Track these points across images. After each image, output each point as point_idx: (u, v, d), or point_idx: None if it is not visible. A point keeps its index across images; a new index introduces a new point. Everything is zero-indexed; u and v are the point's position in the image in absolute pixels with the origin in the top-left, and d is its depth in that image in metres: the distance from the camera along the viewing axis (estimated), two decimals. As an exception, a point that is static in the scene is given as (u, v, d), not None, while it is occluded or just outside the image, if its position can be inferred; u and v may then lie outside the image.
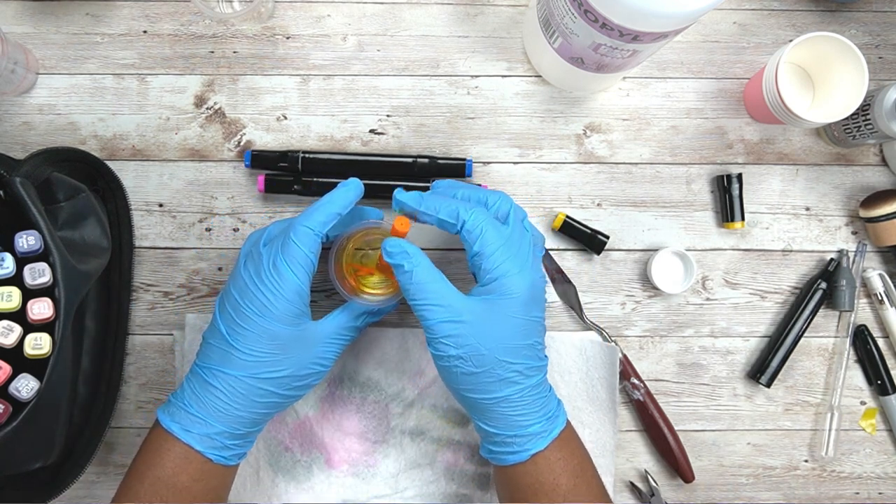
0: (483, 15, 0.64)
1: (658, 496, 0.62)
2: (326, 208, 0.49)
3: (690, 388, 0.64)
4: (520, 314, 0.47)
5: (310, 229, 0.48)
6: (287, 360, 0.48)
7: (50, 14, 0.62)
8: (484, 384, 0.48)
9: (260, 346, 0.48)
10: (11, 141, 0.61)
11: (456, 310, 0.47)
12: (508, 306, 0.47)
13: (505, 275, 0.47)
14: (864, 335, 0.64)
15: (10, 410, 0.48)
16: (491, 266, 0.47)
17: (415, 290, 0.47)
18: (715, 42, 0.65)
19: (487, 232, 0.47)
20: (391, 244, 0.48)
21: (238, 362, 0.48)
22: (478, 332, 0.47)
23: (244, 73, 0.63)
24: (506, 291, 0.47)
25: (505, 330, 0.47)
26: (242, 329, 0.48)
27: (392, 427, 0.61)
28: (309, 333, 0.49)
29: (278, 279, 0.47)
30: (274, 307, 0.47)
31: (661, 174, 0.64)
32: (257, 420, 0.50)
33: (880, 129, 0.57)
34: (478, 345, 0.47)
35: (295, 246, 0.47)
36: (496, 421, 0.49)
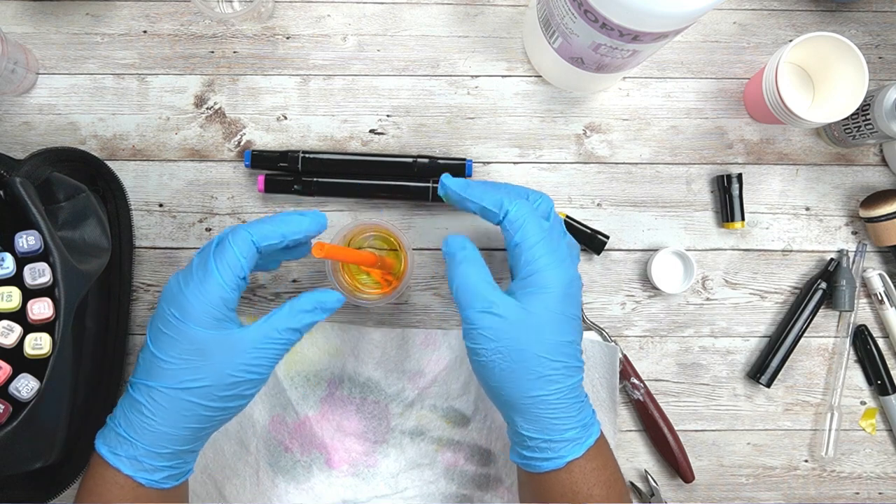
0: (483, 15, 0.64)
1: (658, 496, 0.62)
2: (277, 225, 0.47)
3: (690, 388, 0.64)
4: (557, 309, 0.47)
5: (249, 234, 0.46)
6: (208, 367, 0.45)
7: (50, 14, 0.62)
8: (522, 381, 0.46)
9: (178, 353, 0.45)
10: (11, 141, 0.61)
11: (496, 303, 0.46)
12: (546, 300, 0.46)
13: (544, 268, 0.47)
14: (864, 335, 0.64)
15: (10, 410, 0.48)
16: (530, 258, 0.47)
17: (459, 280, 0.48)
18: (715, 42, 0.65)
19: (529, 224, 0.47)
20: (452, 237, 0.50)
21: (158, 371, 0.45)
22: (516, 327, 0.46)
23: (244, 73, 0.63)
24: (544, 284, 0.47)
25: (543, 325, 0.46)
26: (163, 335, 0.45)
27: (392, 427, 0.61)
28: (234, 339, 0.45)
29: (203, 277, 0.45)
30: (193, 308, 0.45)
31: (661, 174, 0.64)
32: (187, 438, 0.46)
33: (880, 129, 0.57)
34: (517, 338, 0.46)
35: (229, 246, 0.46)
36: (532, 423, 0.47)
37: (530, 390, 0.46)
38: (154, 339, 0.46)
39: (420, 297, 0.63)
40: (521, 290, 0.47)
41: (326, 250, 0.46)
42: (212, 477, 0.60)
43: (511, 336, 0.46)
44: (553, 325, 0.47)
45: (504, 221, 0.48)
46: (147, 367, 0.46)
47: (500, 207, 0.48)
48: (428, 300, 0.63)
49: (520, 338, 0.46)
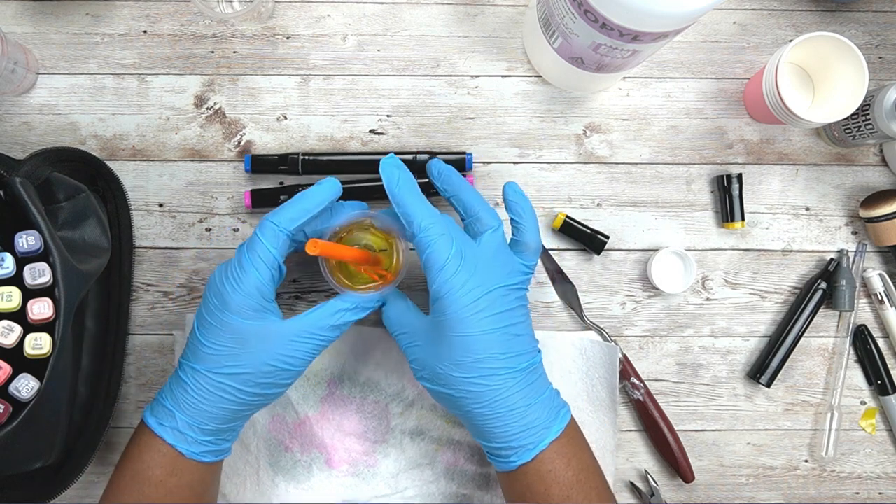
0: (483, 15, 0.64)
1: (658, 496, 0.62)
2: (297, 205, 0.49)
3: (690, 388, 0.64)
4: (462, 331, 0.46)
5: (275, 225, 0.48)
6: (247, 355, 0.48)
7: (50, 14, 0.62)
8: (453, 401, 0.48)
9: (220, 340, 0.48)
10: (11, 141, 0.61)
11: (414, 334, 0.49)
12: (452, 324, 0.47)
13: (447, 293, 0.47)
14: (864, 335, 0.64)
15: (10, 410, 0.48)
16: (433, 282, 0.47)
17: (389, 323, 0.51)
18: (715, 42, 0.65)
19: (436, 247, 0.47)
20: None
21: (202, 355, 0.48)
22: (431, 352, 0.48)
23: (244, 73, 0.63)
24: (446, 309, 0.47)
25: (454, 348, 0.47)
26: (207, 323, 0.48)
27: (392, 427, 0.61)
28: (272, 330, 0.48)
29: (239, 273, 0.47)
30: (232, 300, 0.47)
31: (661, 174, 0.64)
32: (226, 417, 0.49)
33: (880, 129, 0.57)
34: (435, 364, 0.48)
35: (258, 241, 0.48)
36: (479, 433, 0.49)
37: (462, 406, 0.48)
38: (200, 325, 0.49)
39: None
40: (433, 313, 0.48)
41: (321, 247, 0.46)
42: (212, 477, 0.60)
43: (429, 362, 0.48)
44: (464, 346, 0.47)
45: (414, 241, 0.49)
46: (193, 350, 0.49)
47: (411, 225, 0.48)
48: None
49: (436, 362, 0.48)
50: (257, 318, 0.48)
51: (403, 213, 0.48)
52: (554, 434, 0.48)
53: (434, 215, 0.48)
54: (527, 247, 0.51)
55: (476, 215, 0.50)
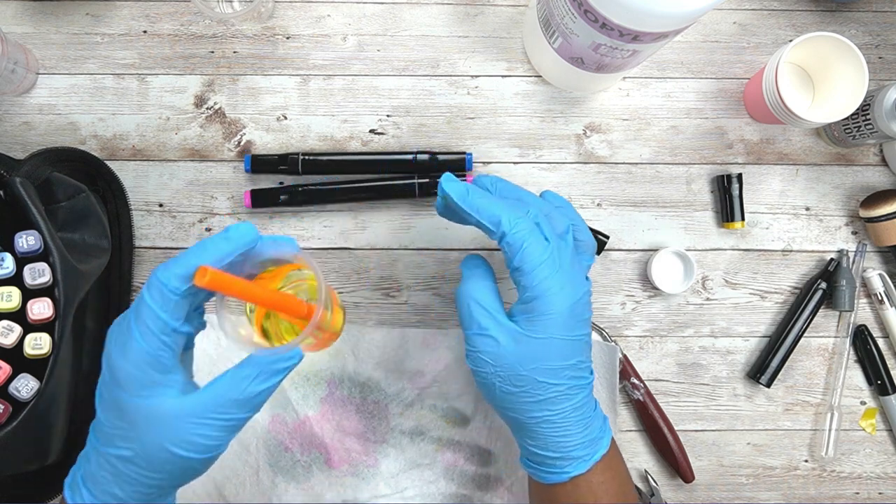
0: (483, 15, 0.64)
1: (658, 496, 0.62)
2: (193, 257, 0.38)
3: (690, 388, 0.64)
4: (560, 333, 0.44)
5: (163, 284, 0.38)
6: (138, 439, 0.38)
7: (50, 14, 0.62)
8: (523, 403, 0.45)
9: (110, 416, 0.39)
10: (11, 141, 0.61)
11: (493, 328, 0.44)
12: (548, 325, 0.44)
13: (544, 293, 0.43)
14: (864, 335, 0.64)
15: (10, 410, 0.48)
16: (530, 283, 0.44)
17: (461, 298, 0.46)
18: (715, 42, 0.65)
19: (529, 247, 0.44)
20: (470, 256, 0.47)
21: (98, 429, 0.40)
22: (515, 353, 0.44)
23: (244, 73, 0.63)
24: (545, 310, 0.44)
25: (545, 351, 0.44)
26: (99, 393, 0.40)
27: (392, 427, 0.61)
28: (165, 411, 0.38)
29: (127, 339, 0.38)
30: (118, 371, 0.38)
31: (661, 174, 0.64)
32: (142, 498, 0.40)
33: (880, 129, 0.57)
34: (515, 363, 0.44)
35: (144, 305, 0.38)
36: (536, 440, 0.46)
37: (532, 412, 0.45)
38: (97, 392, 0.41)
39: (420, 297, 0.63)
40: (522, 314, 0.45)
41: (210, 278, 0.36)
42: (211, 477, 0.60)
43: (509, 361, 0.44)
44: (555, 350, 0.44)
45: (502, 243, 0.44)
46: (94, 421, 0.41)
47: (498, 226, 0.44)
48: (428, 300, 0.63)
49: (519, 363, 0.44)
50: (147, 394, 0.38)
51: (486, 217, 0.45)
52: (605, 447, 0.47)
53: (519, 212, 0.45)
54: (587, 246, 0.49)
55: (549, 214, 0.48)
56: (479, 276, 0.46)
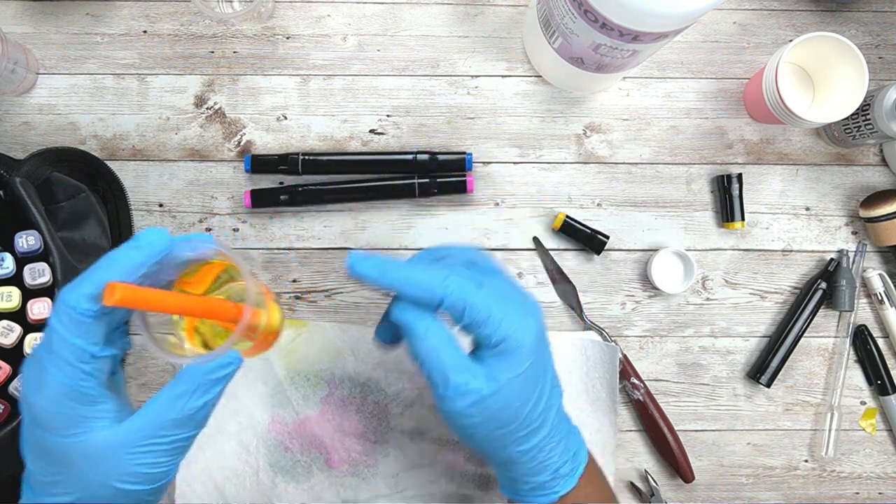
0: (483, 15, 0.64)
1: (658, 496, 0.62)
2: (97, 275, 0.34)
3: (690, 388, 0.64)
4: (534, 358, 0.42)
5: (71, 308, 0.33)
6: (76, 481, 0.35)
7: (50, 14, 0.62)
8: (513, 441, 0.42)
9: (40, 463, 0.36)
10: (11, 141, 0.61)
11: (469, 382, 0.40)
12: (522, 359, 0.41)
13: (510, 333, 0.40)
14: (864, 335, 0.64)
15: (10, 410, 0.48)
16: (492, 331, 0.40)
17: (425, 358, 0.40)
18: (715, 42, 0.65)
19: (473, 299, 0.40)
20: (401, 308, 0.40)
21: (30, 479, 0.37)
22: (500, 396, 0.40)
23: (244, 73, 0.63)
24: (516, 346, 0.41)
25: (525, 382, 0.42)
26: (24, 438, 0.36)
27: (392, 427, 0.61)
28: (98, 445, 0.34)
29: (39, 374, 0.34)
30: (37, 412, 0.34)
31: (661, 174, 0.64)
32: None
33: (880, 129, 0.57)
34: (503, 407, 0.41)
35: (55, 333, 0.34)
36: (526, 469, 0.44)
37: (521, 445, 0.43)
38: (22, 438, 0.36)
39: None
40: (492, 357, 0.41)
41: (120, 295, 0.32)
42: (212, 477, 0.60)
43: (496, 406, 0.41)
44: (533, 378, 0.42)
45: (443, 308, 0.40)
46: (25, 473, 0.37)
47: (432, 294, 0.40)
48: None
49: (505, 405, 0.41)
50: (76, 431, 0.34)
51: (413, 288, 0.40)
52: (586, 457, 0.46)
53: (443, 270, 0.41)
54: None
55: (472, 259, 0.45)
56: (436, 330, 0.41)
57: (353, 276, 0.40)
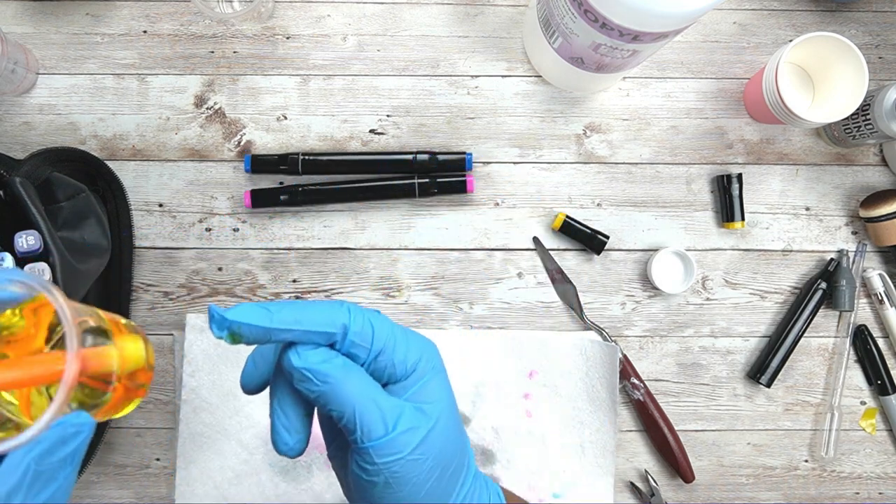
0: (483, 15, 0.64)
1: (658, 496, 0.62)
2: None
3: (690, 388, 0.64)
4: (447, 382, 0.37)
5: None
6: None
7: (50, 14, 0.62)
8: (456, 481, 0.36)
9: None
10: (11, 141, 0.61)
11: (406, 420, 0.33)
12: (441, 381, 0.36)
13: (422, 355, 0.35)
14: (864, 335, 0.64)
15: None
16: (404, 354, 0.34)
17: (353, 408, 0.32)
18: (715, 42, 0.65)
19: (379, 325, 0.34)
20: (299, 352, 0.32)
21: None
22: (437, 427, 0.34)
23: (244, 73, 0.63)
24: (431, 367, 0.36)
25: (450, 405, 0.36)
26: None
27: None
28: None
29: None
30: None
31: (661, 174, 0.64)
32: None
33: (880, 129, 0.57)
34: (443, 440, 0.35)
35: None
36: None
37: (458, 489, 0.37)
38: None
39: (420, 297, 0.63)
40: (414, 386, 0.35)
41: None
42: (212, 477, 0.60)
43: (438, 440, 0.34)
44: (454, 405, 0.37)
45: (351, 337, 0.33)
46: None
47: (335, 323, 0.32)
48: (428, 300, 0.63)
49: (443, 443, 0.35)
50: None
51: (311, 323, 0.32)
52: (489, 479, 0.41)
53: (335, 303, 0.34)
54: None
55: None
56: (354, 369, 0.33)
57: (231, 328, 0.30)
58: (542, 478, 0.61)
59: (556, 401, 0.62)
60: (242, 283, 0.62)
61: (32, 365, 0.28)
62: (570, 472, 0.61)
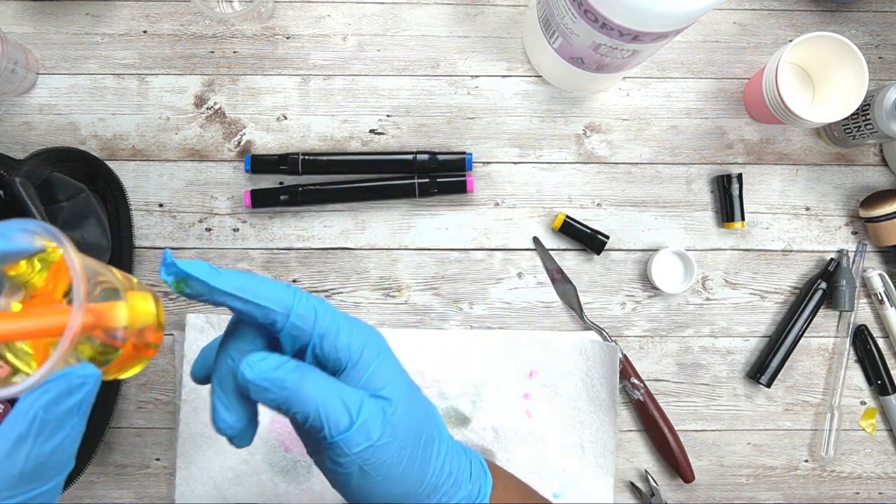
0: (483, 15, 0.64)
1: (658, 496, 0.62)
2: None
3: (690, 388, 0.64)
4: (404, 371, 0.37)
5: None
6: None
7: (50, 14, 0.62)
8: (428, 459, 0.36)
9: None
10: (11, 141, 0.61)
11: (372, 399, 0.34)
12: (391, 362, 0.36)
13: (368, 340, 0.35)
14: (864, 335, 0.64)
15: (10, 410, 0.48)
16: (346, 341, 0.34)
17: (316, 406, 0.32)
18: (715, 42, 0.65)
19: (319, 308, 0.33)
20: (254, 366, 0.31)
21: None
22: (402, 405, 0.34)
23: (244, 73, 0.63)
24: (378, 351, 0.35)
25: (409, 385, 0.36)
26: None
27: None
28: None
29: None
30: None
31: (661, 174, 0.64)
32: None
33: (880, 129, 0.57)
34: (408, 418, 0.35)
35: None
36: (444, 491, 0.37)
37: (431, 467, 0.36)
38: None
39: (420, 297, 0.63)
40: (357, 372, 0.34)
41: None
42: (212, 477, 0.60)
43: (402, 426, 0.34)
44: (409, 382, 0.37)
45: (293, 320, 0.32)
46: None
47: (281, 303, 0.32)
48: (428, 300, 0.63)
49: (409, 423, 0.35)
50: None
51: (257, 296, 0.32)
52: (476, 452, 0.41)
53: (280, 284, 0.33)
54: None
55: None
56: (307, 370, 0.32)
57: (178, 275, 0.30)
58: (542, 478, 0.61)
59: (556, 401, 0.62)
60: (242, 283, 0.62)
61: (42, 316, 0.28)
62: (570, 472, 0.61)
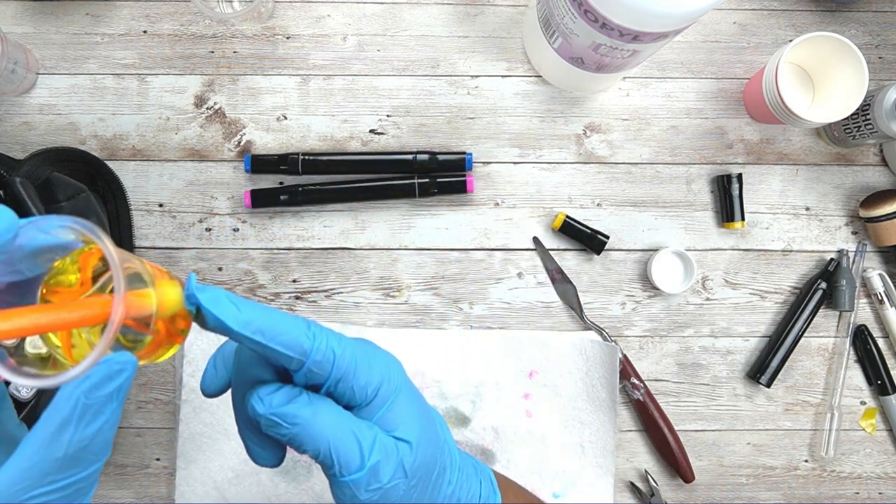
0: (483, 15, 0.64)
1: (658, 496, 0.62)
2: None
3: (690, 388, 0.64)
4: (411, 390, 0.37)
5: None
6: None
7: (50, 14, 0.62)
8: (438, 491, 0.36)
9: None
10: (11, 141, 0.61)
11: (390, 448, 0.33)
12: (410, 397, 0.35)
13: (385, 377, 0.34)
14: (864, 335, 0.64)
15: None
16: (363, 381, 0.33)
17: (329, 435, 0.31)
18: (715, 42, 0.65)
19: (337, 350, 0.32)
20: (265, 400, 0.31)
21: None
22: (419, 447, 0.34)
23: (244, 73, 0.63)
24: (396, 387, 0.35)
25: (428, 420, 0.36)
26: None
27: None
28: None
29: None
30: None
31: (661, 174, 0.64)
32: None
33: (880, 129, 0.57)
34: (427, 459, 0.35)
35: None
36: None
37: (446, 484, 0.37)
38: None
39: (420, 297, 0.63)
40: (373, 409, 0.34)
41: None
42: (212, 477, 0.60)
43: (422, 460, 0.34)
44: (426, 414, 0.37)
45: (310, 366, 0.31)
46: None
47: (298, 349, 0.31)
48: (428, 300, 0.63)
49: (426, 452, 0.34)
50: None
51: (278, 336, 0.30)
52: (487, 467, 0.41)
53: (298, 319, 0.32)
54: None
55: None
56: (322, 403, 0.32)
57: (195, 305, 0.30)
58: (542, 478, 0.61)
59: (556, 401, 0.62)
60: (242, 283, 0.62)
61: (81, 307, 0.29)
62: (570, 472, 0.61)
